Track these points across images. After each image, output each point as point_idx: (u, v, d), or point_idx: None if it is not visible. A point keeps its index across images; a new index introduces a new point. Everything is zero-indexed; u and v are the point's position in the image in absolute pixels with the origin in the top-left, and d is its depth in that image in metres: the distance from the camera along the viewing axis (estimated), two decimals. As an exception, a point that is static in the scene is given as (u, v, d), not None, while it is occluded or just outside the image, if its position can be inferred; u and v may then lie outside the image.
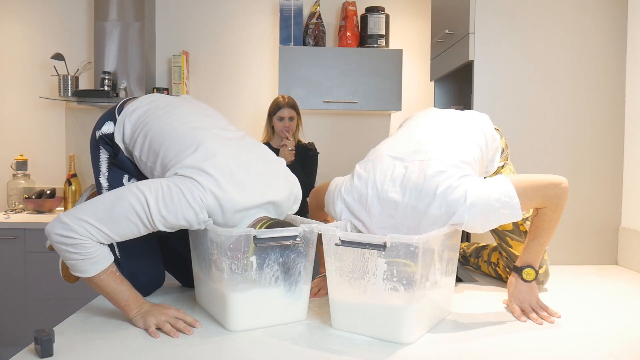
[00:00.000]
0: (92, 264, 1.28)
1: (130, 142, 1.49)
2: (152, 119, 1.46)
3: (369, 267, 1.23)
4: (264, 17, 3.68)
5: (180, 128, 1.43)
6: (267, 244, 1.27)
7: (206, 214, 1.30)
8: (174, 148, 1.38)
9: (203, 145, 1.37)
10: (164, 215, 1.26)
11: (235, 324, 1.31)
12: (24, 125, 3.61)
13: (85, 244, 1.24)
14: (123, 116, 1.50)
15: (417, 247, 1.17)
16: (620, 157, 2.13)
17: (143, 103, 1.53)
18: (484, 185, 1.32)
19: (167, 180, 1.30)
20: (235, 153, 1.39)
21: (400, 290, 1.20)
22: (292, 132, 2.93)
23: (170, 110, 1.49)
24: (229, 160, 1.36)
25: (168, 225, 1.28)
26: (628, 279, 1.90)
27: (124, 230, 1.27)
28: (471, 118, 1.61)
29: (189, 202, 1.27)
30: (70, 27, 3.60)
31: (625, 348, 1.22)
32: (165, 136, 1.41)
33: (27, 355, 1.14)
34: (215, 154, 1.35)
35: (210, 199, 1.29)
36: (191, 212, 1.27)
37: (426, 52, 3.53)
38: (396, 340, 1.23)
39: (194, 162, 1.33)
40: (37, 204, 3.30)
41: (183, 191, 1.27)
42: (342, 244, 1.25)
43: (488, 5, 2.10)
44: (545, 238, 1.46)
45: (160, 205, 1.25)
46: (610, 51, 2.12)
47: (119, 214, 1.25)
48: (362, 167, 1.45)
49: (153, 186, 1.28)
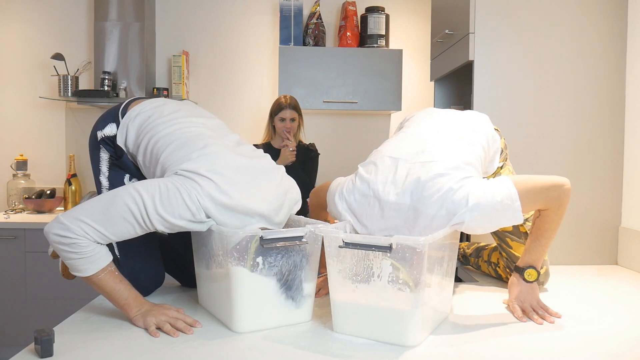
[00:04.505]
0: (90, 263, 1.28)
1: (134, 147, 1.48)
2: (156, 125, 1.46)
3: (374, 269, 1.22)
4: (264, 17, 3.68)
5: (183, 136, 1.42)
6: (273, 244, 1.27)
7: (204, 215, 1.29)
8: (175, 154, 1.38)
9: (204, 151, 1.37)
10: (161, 214, 1.26)
11: (241, 325, 1.30)
12: (24, 125, 3.61)
13: (81, 243, 1.25)
14: (126, 120, 1.49)
15: (423, 248, 1.17)
16: (620, 157, 2.13)
17: (147, 107, 1.51)
18: (486, 188, 1.31)
19: (166, 180, 1.30)
20: (236, 162, 1.38)
21: (406, 292, 1.20)
22: (293, 133, 2.93)
23: (174, 118, 1.48)
24: (229, 168, 1.35)
25: (166, 225, 1.28)
26: (628, 279, 1.90)
27: (120, 230, 1.27)
28: (472, 118, 1.61)
29: (186, 202, 1.26)
30: (70, 27, 3.60)
31: (626, 348, 1.22)
32: (167, 143, 1.40)
33: (27, 355, 1.13)
34: (215, 161, 1.35)
35: (207, 202, 1.28)
36: (188, 212, 1.27)
37: (426, 52, 3.53)
38: (401, 343, 1.21)
39: (194, 166, 1.32)
40: (37, 204, 3.30)
41: (180, 191, 1.27)
42: (346, 246, 1.24)
43: (488, 5, 2.10)
44: (548, 239, 1.46)
45: (157, 205, 1.25)
46: (610, 51, 2.12)
47: (115, 214, 1.25)
48: (364, 168, 1.45)
49: (150, 186, 1.28)
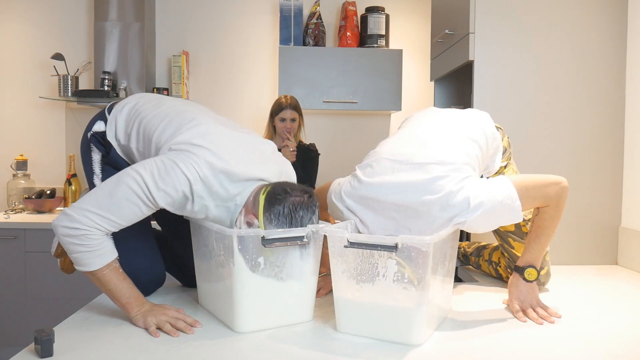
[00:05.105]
0: (96, 257, 1.29)
1: (125, 137, 1.51)
2: (144, 110, 1.50)
3: (379, 269, 1.23)
4: (264, 17, 3.67)
5: (172, 113, 1.46)
6: (274, 244, 1.27)
7: (201, 185, 1.30)
8: (167, 131, 1.41)
9: (196, 124, 1.40)
10: (162, 188, 1.27)
11: (242, 325, 1.30)
12: (24, 125, 3.60)
13: (90, 235, 1.26)
14: (114, 113, 1.54)
15: (428, 247, 1.17)
16: (620, 157, 2.13)
17: (131, 99, 1.57)
18: (486, 188, 1.32)
19: (162, 156, 1.33)
20: (227, 132, 1.42)
21: (412, 291, 1.20)
22: (294, 133, 2.93)
23: (160, 101, 1.54)
24: (222, 137, 1.39)
25: (169, 200, 1.29)
26: (628, 279, 1.90)
27: (128, 213, 1.28)
28: (471, 116, 1.61)
29: (183, 172, 1.28)
30: (70, 27, 3.60)
31: (626, 348, 1.22)
32: (157, 122, 1.44)
33: (27, 355, 1.14)
34: (208, 131, 1.39)
35: (205, 169, 1.30)
36: (186, 182, 1.28)
37: (426, 52, 3.53)
38: (406, 342, 1.22)
39: (187, 138, 1.36)
40: (37, 204, 3.29)
41: (177, 162, 1.29)
42: (351, 246, 1.24)
43: (488, 5, 2.10)
44: (547, 237, 1.46)
45: (157, 180, 1.27)
46: (610, 51, 2.12)
47: (120, 197, 1.27)
48: (362, 171, 1.44)
49: (147, 164, 1.30)
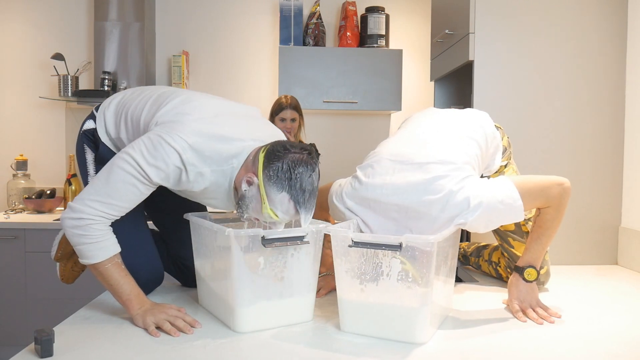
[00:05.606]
0: (99, 249, 1.30)
1: (115, 130, 1.53)
2: (130, 99, 1.53)
3: (383, 268, 1.23)
4: (264, 17, 3.67)
5: (155, 95, 1.49)
6: (274, 244, 1.27)
7: (191, 153, 1.30)
8: (152, 110, 1.43)
9: (177, 95, 1.44)
10: (153, 164, 1.28)
11: (242, 325, 1.30)
12: (24, 125, 3.60)
13: (94, 224, 1.29)
14: (102, 110, 1.57)
15: (432, 247, 1.18)
16: (620, 157, 2.13)
17: (117, 95, 1.60)
18: (487, 188, 1.32)
19: (148, 133, 1.34)
20: (210, 98, 1.46)
21: (415, 290, 1.20)
22: (294, 133, 2.93)
23: (144, 89, 1.58)
24: (206, 101, 1.42)
25: (162, 175, 1.30)
26: (628, 279, 1.90)
27: (127, 195, 1.31)
28: (471, 116, 1.61)
29: (170, 144, 1.29)
30: (70, 27, 3.60)
31: (626, 348, 1.22)
32: (142, 105, 1.47)
33: (27, 355, 1.13)
34: (189, 99, 1.42)
35: (193, 135, 1.30)
36: (175, 154, 1.29)
37: (426, 52, 3.53)
38: (410, 340, 1.22)
39: (170, 107, 1.39)
40: (37, 204, 3.29)
41: (162, 136, 1.30)
42: (356, 245, 1.24)
43: (488, 5, 2.10)
44: (548, 238, 1.46)
45: (147, 157, 1.28)
46: (610, 51, 2.12)
47: (116, 181, 1.29)
48: (363, 171, 1.44)
49: (135, 144, 1.32)
